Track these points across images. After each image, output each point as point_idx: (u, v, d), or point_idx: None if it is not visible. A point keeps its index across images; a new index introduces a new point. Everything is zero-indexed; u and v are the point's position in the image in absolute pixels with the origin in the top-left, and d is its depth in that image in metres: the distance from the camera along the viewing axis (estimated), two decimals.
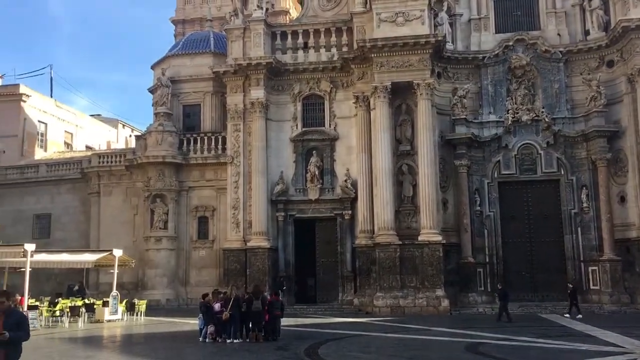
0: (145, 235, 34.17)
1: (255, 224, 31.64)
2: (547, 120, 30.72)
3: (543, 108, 31.03)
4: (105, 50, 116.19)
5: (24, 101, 43.88)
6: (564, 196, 30.75)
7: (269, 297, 19.00)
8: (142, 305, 27.56)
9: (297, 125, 33.03)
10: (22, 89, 44.43)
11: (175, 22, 52.40)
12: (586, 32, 31.65)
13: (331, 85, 32.87)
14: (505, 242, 31.03)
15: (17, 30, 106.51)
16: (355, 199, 31.46)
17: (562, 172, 30.87)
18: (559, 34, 31.98)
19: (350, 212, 31.62)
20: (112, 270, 27.20)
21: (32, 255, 22.63)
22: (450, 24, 32.56)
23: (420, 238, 28.75)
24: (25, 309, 21.88)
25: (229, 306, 17.68)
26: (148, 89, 38.21)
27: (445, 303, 27.92)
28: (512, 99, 31.50)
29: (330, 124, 32.86)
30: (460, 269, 30.02)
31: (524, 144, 31.15)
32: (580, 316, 24.90)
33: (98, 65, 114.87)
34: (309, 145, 32.76)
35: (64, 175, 39.01)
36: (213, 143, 34.84)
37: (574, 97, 31.49)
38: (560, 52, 31.32)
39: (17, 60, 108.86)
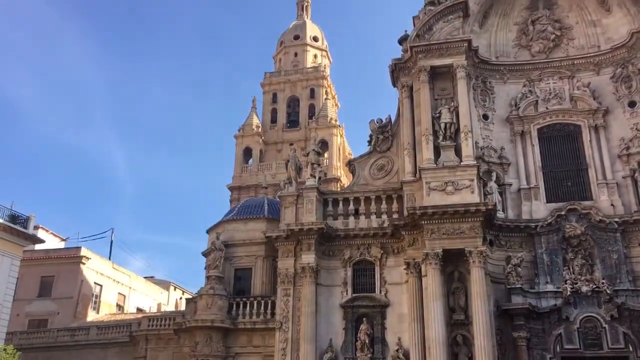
0: None
1: None
2: (608, 292, 29.26)
3: (603, 279, 29.75)
4: (163, 214, 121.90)
5: (84, 263, 45.61)
6: None
7: None
8: None
9: (347, 290, 32.61)
10: (83, 251, 46.45)
11: (231, 188, 55.30)
12: None
13: (382, 251, 32.87)
14: None
15: (85, 197, 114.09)
16: None
17: (631, 349, 28.65)
18: (612, 205, 31.75)
19: None
20: None
21: None
22: (500, 193, 32.94)
23: None
24: None
25: None
26: (202, 252, 39.06)
27: None
28: (569, 268, 30.57)
29: (380, 290, 32.30)
30: None
31: (586, 317, 29.43)
32: None
33: (156, 228, 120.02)
34: (359, 312, 31.99)
35: (113, 339, 38.97)
36: (262, 307, 34.44)
37: (635, 269, 30.31)
38: (616, 222, 30.79)
39: (82, 224, 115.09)
